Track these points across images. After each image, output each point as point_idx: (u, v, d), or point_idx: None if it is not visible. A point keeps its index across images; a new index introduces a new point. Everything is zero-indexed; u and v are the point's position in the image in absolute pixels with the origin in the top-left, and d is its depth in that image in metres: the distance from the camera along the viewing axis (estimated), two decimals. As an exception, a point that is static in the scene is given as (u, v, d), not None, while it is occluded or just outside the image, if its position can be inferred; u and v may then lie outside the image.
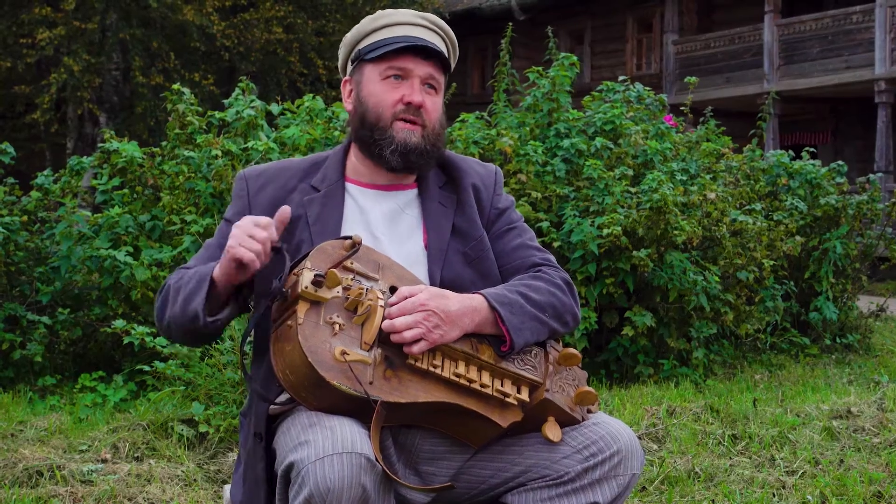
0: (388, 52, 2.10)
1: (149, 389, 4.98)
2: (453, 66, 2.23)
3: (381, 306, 1.91)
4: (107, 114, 15.23)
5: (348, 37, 2.21)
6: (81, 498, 3.47)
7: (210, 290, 1.97)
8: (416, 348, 1.91)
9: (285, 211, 1.97)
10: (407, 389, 1.89)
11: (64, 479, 3.64)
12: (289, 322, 1.87)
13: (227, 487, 2.27)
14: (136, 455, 4.01)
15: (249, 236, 1.90)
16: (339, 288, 1.89)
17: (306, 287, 1.85)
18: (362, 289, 1.92)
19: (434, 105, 2.14)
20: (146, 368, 4.83)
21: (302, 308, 1.85)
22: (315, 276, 1.85)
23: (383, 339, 1.91)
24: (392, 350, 1.92)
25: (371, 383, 1.85)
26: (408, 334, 1.90)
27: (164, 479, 3.70)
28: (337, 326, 1.86)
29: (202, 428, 4.19)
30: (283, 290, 1.89)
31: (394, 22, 2.14)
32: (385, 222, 2.14)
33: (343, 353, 1.84)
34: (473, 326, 1.98)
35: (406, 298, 1.93)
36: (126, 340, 4.86)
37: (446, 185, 2.21)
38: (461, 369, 1.96)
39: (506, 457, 2.05)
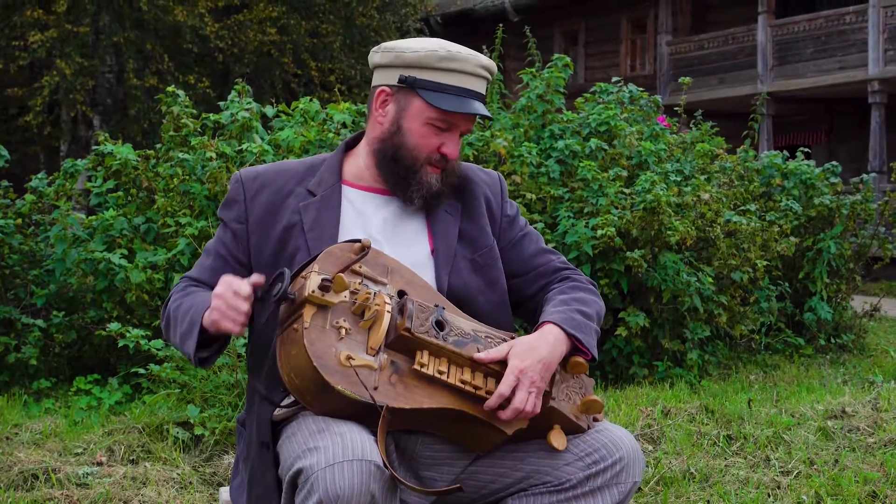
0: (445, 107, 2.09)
1: (144, 392, 4.97)
2: None
3: (387, 311, 1.90)
4: (100, 116, 15.19)
5: (407, 56, 2.11)
6: (77, 501, 3.47)
7: (201, 333, 1.99)
8: (536, 408, 1.98)
9: (257, 279, 1.96)
10: (412, 395, 1.88)
11: (59, 482, 3.64)
12: (295, 326, 1.86)
13: (224, 490, 2.27)
14: (131, 458, 4.00)
15: (232, 308, 1.91)
16: (347, 292, 1.88)
17: (313, 291, 1.84)
18: (369, 293, 1.90)
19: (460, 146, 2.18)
20: (141, 371, 4.82)
21: (308, 312, 1.85)
22: (322, 280, 1.85)
23: (390, 343, 1.90)
24: (398, 355, 1.91)
25: (376, 388, 1.84)
26: (529, 406, 1.95)
27: (159, 481, 3.69)
28: (343, 331, 1.86)
29: (197, 430, 4.19)
30: (290, 293, 1.88)
31: (459, 69, 2.10)
32: (386, 227, 2.13)
33: (348, 357, 1.84)
34: (561, 356, 2.04)
35: (506, 373, 1.96)
36: (121, 343, 4.84)
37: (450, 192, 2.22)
38: (467, 376, 1.94)
39: (507, 462, 2.05)
